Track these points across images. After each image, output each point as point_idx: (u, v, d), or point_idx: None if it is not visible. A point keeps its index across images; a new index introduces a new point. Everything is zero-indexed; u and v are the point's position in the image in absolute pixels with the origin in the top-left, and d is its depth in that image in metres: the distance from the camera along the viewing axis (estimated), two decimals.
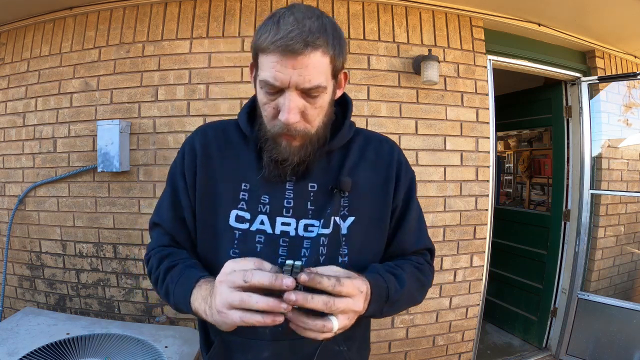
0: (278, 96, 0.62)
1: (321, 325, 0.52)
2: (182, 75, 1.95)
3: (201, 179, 0.73)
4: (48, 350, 1.29)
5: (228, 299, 0.51)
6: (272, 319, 0.49)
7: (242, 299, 0.50)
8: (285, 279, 0.48)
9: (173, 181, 0.77)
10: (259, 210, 0.70)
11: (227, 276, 0.53)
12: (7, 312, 2.23)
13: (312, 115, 0.64)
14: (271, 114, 0.64)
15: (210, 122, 0.81)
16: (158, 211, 0.79)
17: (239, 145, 0.75)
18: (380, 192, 0.74)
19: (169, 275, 0.69)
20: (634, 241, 2.73)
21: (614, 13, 2.11)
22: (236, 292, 0.51)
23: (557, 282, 2.62)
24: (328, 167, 0.73)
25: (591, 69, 2.54)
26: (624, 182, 2.65)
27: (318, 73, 0.60)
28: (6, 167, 2.20)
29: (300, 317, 0.52)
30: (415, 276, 0.73)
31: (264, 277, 0.49)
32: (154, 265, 0.73)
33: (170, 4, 1.98)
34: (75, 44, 2.07)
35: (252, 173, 0.71)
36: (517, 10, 2.14)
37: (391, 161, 0.76)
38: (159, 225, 0.77)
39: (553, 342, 2.63)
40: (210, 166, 0.73)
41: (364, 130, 0.81)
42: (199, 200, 0.72)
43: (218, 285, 0.54)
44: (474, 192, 2.13)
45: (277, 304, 0.48)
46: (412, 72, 2.02)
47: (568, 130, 2.61)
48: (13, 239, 2.19)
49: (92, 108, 2.03)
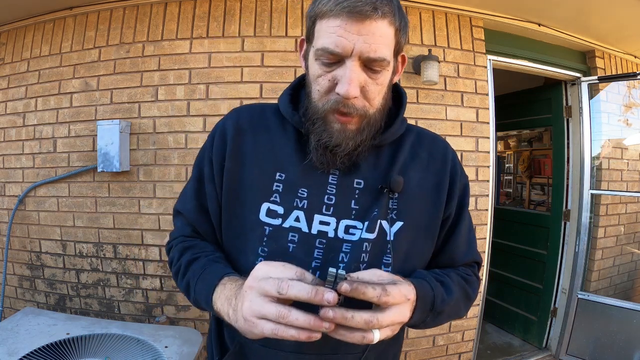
0: (336, 67, 0.55)
1: (360, 337, 0.46)
2: (182, 75, 1.95)
3: (230, 166, 0.65)
4: (48, 350, 1.29)
5: (261, 309, 0.45)
6: (307, 336, 0.44)
7: (279, 313, 0.44)
8: (327, 293, 0.42)
9: (199, 167, 0.70)
10: (295, 205, 0.62)
11: (259, 282, 0.46)
12: (7, 312, 2.23)
13: (372, 93, 0.57)
14: (325, 87, 0.57)
15: (247, 104, 0.74)
16: (182, 198, 0.73)
17: (277, 130, 0.67)
18: (432, 196, 0.66)
19: (190, 269, 0.63)
20: (634, 241, 2.73)
21: (614, 13, 2.11)
22: (270, 303, 0.45)
23: (557, 282, 2.62)
24: (377, 163, 0.65)
25: (591, 69, 2.54)
26: (624, 182, 2.65)
27: (384, 44, 0.54)
28: (6, 167, 2.20)
29: (338, 330, 0.46)
30: (462, 287, 0.66)
31: (303, 290, 0.43)
32: (175, 257, 0.68)
33: (170, 4, 1.98)
34: (75, 44, 2.07)
35: (290, 162, 0.63)
36: (517, 10, 2.14)
37: (445, 162, 0.69)
38: (181, 214, 0.72)
39: (553, 342, 2.63)
40: (242, 151, 0.65)
41: (416, 127, 0.74)
42: (226, 190, 0.65)
43: (248, 291, 0.48)
44: (474, 192, 2.13)
45: (319, 323, 0.43)
46: (412, 72, 2.02)
47: (568, 130, 2.60)
48: (13, 239, 2.19)
49: (92, 108, 2.03)
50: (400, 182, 0.62)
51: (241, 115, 0.69)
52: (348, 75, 0.53)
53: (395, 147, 0.68)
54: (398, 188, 0.62)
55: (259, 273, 0.48)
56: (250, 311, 0.46)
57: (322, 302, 0.42)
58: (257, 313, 0.45)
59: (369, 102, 0.58)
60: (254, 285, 0.47)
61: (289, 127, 0.67)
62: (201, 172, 0.69)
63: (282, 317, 0.43)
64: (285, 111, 0.67)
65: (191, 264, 0.64)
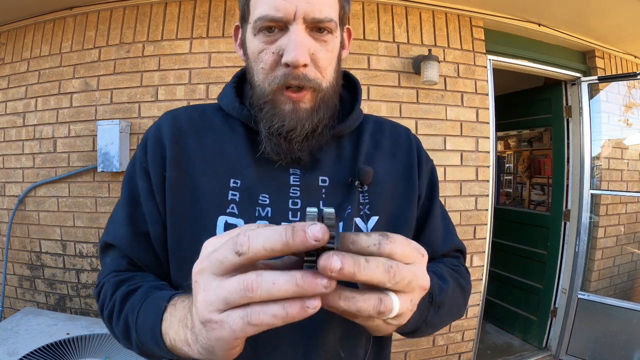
0: (279, 36, 0.50)
1: (376, 301, 0.31)
2: (182, 75, 1.95)
3: (174, 175, 0.54)
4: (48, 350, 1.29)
5: (219, 293, 0.29)
6: (300, 308, 0.28)
7: (245, 285, 0.28)
8: (311, 227, 0.27)
9: (131, 185, 0.57)
10: (257, 214, 0.52)
11: (209, 257, 0.31)
12: (7, 312, 2.23)
13: (323, 61, 0.51)
14: (270, 62, 0.50)
15: (181, 106, 0.64)
16: (110, 227, 0.58)
17: (223, 129, 0.58)
18: (404, 184, 0.60)
19: (128, 302, 0.49)
20: (634, 241, 2.73)
21: (614, 13, 2.11)
22: (230, 278, 0.29)
23: (557, 282, 2.62)
24: (339, 155, 0.59)
25: (591, 69, 2.54)
26: (624, 182, 2.65)
27: (328, 5, 0.50)
28: (6, 167, 2.20)
29: (343, 291, 0.31)
30: (455, 278, 0.58)
31: (273, 235, 0.28)
32: (107, 296, 0.52)
33: (170, 4, 1.98)
34: (75, 44, 2.07)
35: (244, 165, 0.55)
36: (517, 10, 2.14)
37: (410, 148, 0.64)
38: (112, 247, 0.57)
39: (553, 342, 2.63)
40: (186, 157, 0.55)
41: (372, 116, 0.67)
42: (172, 205, 0.53)
43: (198, 279, 0.32)
44: (474, 192, 2.13)
45: (313, 280, 0.27)
46: (412, 72, 2.02)
47: (568, 130, 2.61)
48: (13, 239, 2.19)
49: (92, 108, 2.03)
50: (370, 173, 0.56)
51: (178, 116, 0.59)
52: (294, 39, 0.48)
53: (356, 137, 0.62)
54: (368, 179, 0.56)
55: (208, 248, 0.33)
56: (206, 304, 0.30)
57: (305, 243, 0.27)
58: (215, 302, 0.29)
59: (320, 72, 0.51)
60: (204, 266, 0.31)
61: (237, 125, 0.58)
62: (134, 190, 0.56)
63: (251, 290, 0.28)
64: (231, 106, 0.58)
65: (128, 297, 0.50)
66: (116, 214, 0.59)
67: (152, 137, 0.57)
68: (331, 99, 0.55)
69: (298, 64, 0.48)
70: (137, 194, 0.56)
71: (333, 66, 0.54)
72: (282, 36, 0.50)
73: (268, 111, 0.52)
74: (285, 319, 0.28)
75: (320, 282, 0.28)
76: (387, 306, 0.31)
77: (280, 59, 0.49)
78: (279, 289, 0.28)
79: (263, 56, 0.51)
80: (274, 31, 0.50)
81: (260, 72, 0.52)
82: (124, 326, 0.48)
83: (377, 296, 0.31)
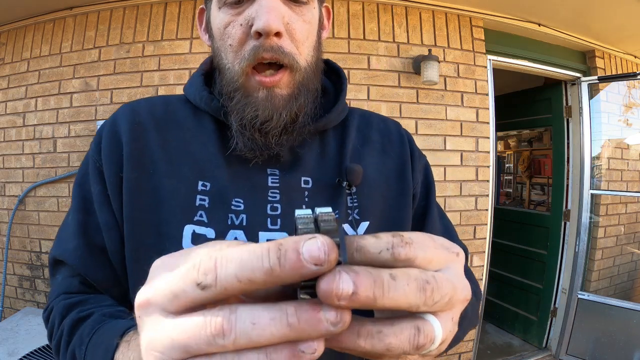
0: (247, 5, 0.43)
1: (412, 330, 0.21)
2: (182, 75, 1.95)
3: (132, 175, 0.46)
4: (48, 350, 1.29)
5: (174, 337, 0.19)
6: (291, 355, 0.18)
7: (215, 327, 0.18)
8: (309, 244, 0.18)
9: (82, 190, 0.49)
10: (230, 222, 0.45)
11: (159, 288, 0.21)
12: (7, 312, 2.23)
13: (299, 32, 0.45)
14: (239, 36, 0.44)
15: (142, 98, 0.55)
16: (59, 241, 0.49)
17: (190, 124, 0.50)
18: (397, 183, 0.54)
19: (76, 333, 0.41)
20: (634, 241, 2.73)
21: (614, 13, 2.11)
22: (190, 316, 0.19)
23: (557, 282, 2.62)
24: (323, 152, 0.52)
25: (591, 69, 2.54)
26: (624, 182, 2.65)
27: None
28: (6, 167, 2.20)
29: (363, 325, 0.21)
30: None
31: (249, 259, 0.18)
32: (55, 323, 0.44)
33: (170, 4, 1.98)
34: (75, 44, 2.07)
35: (214, 165, 0.47)
36: (517, 10, 2.14)
37: (403, 143, 0.57)
38: (61, 264, 0.48)
39: (553, 342, 2.63)
40: (146, 155, 0.47)
41: (357, 109, 0.61)
42: (130, 211, 0.45)
43: (142, 314, 0.22)
44: (474, 192, 2.13)
45: (313, 315, 0.18)
46: (412, 72, 2.02)
47: (568, 130, 2.61)
48: (13, 239, 2.19)
49: (92, 108, 2.03)
50: (359, 172, 0.49)
51: (137, 109, 0.50)
52: (265, 4, 0.41)
53: (341, 131, 0.55)
54: (357, 180, 0.49)
55: (159, 271, 0.22)
56: (155, 352, 0.20)
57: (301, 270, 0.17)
58: (169, 350, 0.19)
59: (297, 46, 0.45)
60: (151, 297, 0.21)
61: (206, 119, 0.50)
62: (86, 195, 0.48)
63: (221, 335, 0.18)
64: (198, 96, 0.51)
65: (78, 326, 0.41)
66: (65, 224, 0.50)
67: (107, 132, 0.48)
68: (311, 82, 0.48)
69: (270, 29, 0.41)
70: (89, 200, 0.48)
71: (311, 42, 0.47)
72: (250, 5, 0.43)
73: (239, 100, 0.45)
74: None
75: (325, 316, 0.18)
76: (427, 336, 0.21)
77: (250, 31, 0.43)
78: (261, 334, 0.18)
79: (230, 30, 0.44)
80: (242, 2, 0.44)
81: (229, 51, 0.45)
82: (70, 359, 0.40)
83: (413, 324, 0.21)
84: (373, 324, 0.21)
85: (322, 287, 0.18)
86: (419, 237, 0.22)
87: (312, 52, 0.48)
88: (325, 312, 0.18)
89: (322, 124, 0.51)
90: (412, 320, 0.21)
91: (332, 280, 0.18)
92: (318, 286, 0.18)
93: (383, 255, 0.21)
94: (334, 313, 0.18)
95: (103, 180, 0.47)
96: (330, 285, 0.18)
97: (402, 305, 0.20)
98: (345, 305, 0.18)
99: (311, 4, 0.47)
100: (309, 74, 0.47)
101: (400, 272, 0.20)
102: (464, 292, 0.23)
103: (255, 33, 0.42)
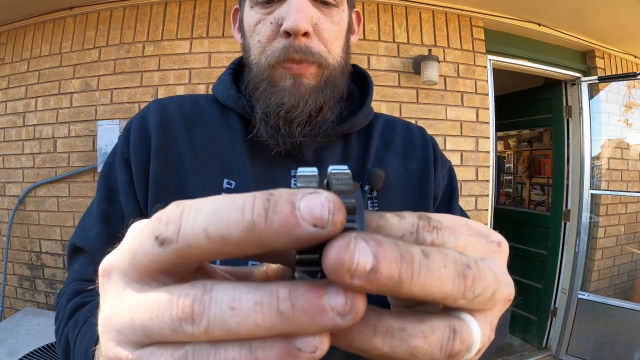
0: (277, 6, 0.45)
1: (446, 332, 0.15)
2: (182, 75, 1.95)
3: (159, 169, 0.47)
4: (48, 350, 1.29)
5: (133, 315, 0.15)
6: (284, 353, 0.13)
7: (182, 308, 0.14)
8: (308, 197, 0.13)
9: (107, 180, 0.50)
10: None
11: (120, 248, 0.17)
12: (7, 312, 2.23)
13: (328, 33, 0.46)
14: (268, 34, 0.45)
15: (171, 95, 0.55)
16: (81, 228, 0.50)
17: (218, 122, 0.51)
18: (419, 188, 0.54)
19: (74, 317, 0.40)
20: (634, 241, 2.73)
21: (614, 13, 2.11)
22: (155, 289, 0.15)
23: (557, 282, 2.62)
24: (346, 156, 0.52)
25: (591, 69, 2.54)
26: (624, 182, 2.65)
27: None
28: (6, 167, 2.20)
29: (381, 319, 0.15)
30: None
31: (224, 207, 0.13)
32: (62, 307, 0.44)
33: (170, 4, 1.98)
34: (75, 44, 2.07)
35: (239, 164, 0.48)
36: (517, 10, 2.14)
37: (426, 148, 0.57)
38: (81, 251, 0.48)
39: (553, 342, 2.63)
40: (173, 153, 0.48)
41: (382, 114, 0.62)
42: (155, 204, 0.46)
43: (103, 281, 0.18)
44: (474, 192, 2.13)
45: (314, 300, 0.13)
46: (412, 72, 2.02)
47: (568, 130, 2.60)
48: (13, 239, 2.19)
49: (92, 108, 2.03)
50: (381, 176, 0.49)
51: (166, 106, 0.52)
52: (294, 5, 0.43)
53: (365, 136, 0.55)
54: (379, 184, 0.49)
55: (130, 232, 0.17)
56: (111, 329, 0.16)
57: (294, 230, 0.13)
58: (127, 329, 0.15)
59: (325, 45, 0.46)
60: (112, 262, 0.17)
61: (234, 118, 0.51)
62: (112, 185, 0.49)
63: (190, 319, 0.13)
64: (226, 94, 0.51)
65: (78, 310, 0.41)
66: (89, 212, 0.51)
67: (136, 126, 0.50)
68: (339, 81, 0.49)
69: (299, 29, 0.42)
70: (114, 189, 0.48)
71: (340, 43, 0.49)
72: (280, 5, 0.45)
73: (265, 89, 0.46)
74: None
75: (330, 302, 0.13)
76: (464, 341, 0.16)
77: (279, 29, 0.44)
78: (242, 323, 0.13)
79: (260, 27, 0.46)
80: (273, 2, 0.46)
81: (257, 46, 0.46)
82: (64, 346, 0.38)
83: (447, 324, 0.16)
84: (395, 319, 0.15)
85: (330, 256, 0.13)
86: (450, 220, 0.18)
87: (341, 52, 0.49)
88: (330, 297, 0.13)
89: (348, 127, 0.52)
90: (446, 318, 0.16)
91: (345, 247, 0.13)
92: (325, 255, 0.13)
93: (406, 240, 0.16)
94: (342, 298, 0.13)
95: (130, 171, 0.48)
96: (342, 255, 0.13)
97: (436, 294, 0.15)
98: (359, 286, 0.13)
99: (340, 7, 0.48)
100: (336, 72, 0.48)
101: (435, 251, 0.15)
102: (508, 289, 0.18)
103: (284, 32, 0.43)
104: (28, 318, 1.56)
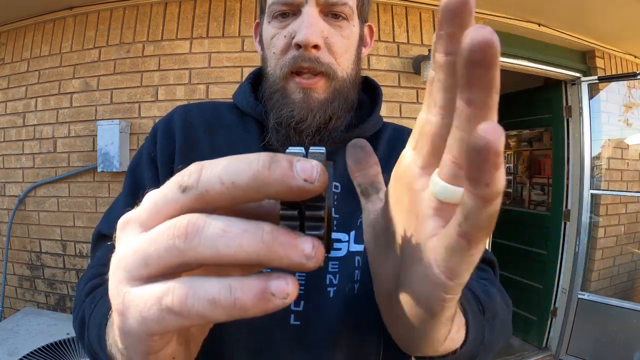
0: (292, 20, 0.49)
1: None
2: (182, 75, 1.95)
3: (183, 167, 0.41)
4: (48, 350, 1.29)
5: (137, 249, 0.18)
6: (258, 291, 0.16)
7: (177, 228, 0.17)
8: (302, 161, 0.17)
9: (134, 175, 0.53)
10: None
11: (140, 206, 0.20)
12: (7, 312, 2.23)
13: (338, 46, 0.49)
14: (282, 46, 0.49)
15: (194, 102, 0.61)
16: (107, 218, 0.52)
17: (236, 128, 0.55)
18: None
19: (92, 294, 0.42)
20: (634, 241, 2.73)
21: (614, 13, 2.11)
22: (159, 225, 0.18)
23: (557, 282, 2.62)
24: None
25: (591, 69, 2.53)
26: (624, 182, 2.65)
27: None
28: (6, 167, 2.20)
29: None
30: (490, 290, 0.50)
31: (236, 162, 0.17)
32: (81, 287, 0.45)
33: (170, 4, 1.98)
34: (75, 44, 2.07)
35: None
36: (517, 10, 2.14)
37: None
38: (105, 238, 0.49)
39: (553, 342, 2.63)
40: (195, 155, 0.50)
41: (392, 123, 0.65)
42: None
43: (120, 233, 0.20)
44: None
45: (289, 239, 0.17)
46: (412, 72, 2.02)
47: (568, 130, 2.60)
48: (13, 239, 2.19)
49: (92, 108, 2.03)
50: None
51: (190, 111, 0.56)
52: (306, 20, 0.47)
53: (371, 143, 0.54)
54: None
55: (147, 197, 0.20)
56: (118, 269, 0.19)
57: (290, 181, 0.16)
58: (130, 264, 0.18)
59: (335, 58, 0.49)
60: (131, 217, 0.20)
61: (251, 124, 0.55)
62: (138, 180, 0.52)
63: (184, 237, 0.17)
64: (245, 101, 0.56)
65: (96, 288, 0.42)
66: (115, 205, 0.54)
67: (163, 128, 0.54)
68: (349, 93, 0.51)
69: (308, 42, 0.46)
70: (141, 185, 0.51)
71: (350, 56, 0.51)
72: (294, 19, 0.49)
73: (278, 100, 0.50)
74: (229, 310, 0.16)
75: (301, 244, 0.17)
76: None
77: (292, 42, 0.48)
78: (229, 244, 0.16)
79: (275, 41, 0.50)
80: (287, 16, 0.49)
81: (272, 58, 0.51)
82: (80, 321, 0.39)
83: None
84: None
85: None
86: None
87: (351, 65, 0.52)
88: (302, 242, 0.17)
89: (357, 133, 0.54)
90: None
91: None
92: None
93: None
94: (310, 244, 0.17)
95: (156, 168, 0.51)
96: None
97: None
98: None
99: (351, 21, 0.51)
100: (346, 84, 0.51)
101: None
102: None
103: (295, 45, 0.47)
104: (28, 318, 1.56)
